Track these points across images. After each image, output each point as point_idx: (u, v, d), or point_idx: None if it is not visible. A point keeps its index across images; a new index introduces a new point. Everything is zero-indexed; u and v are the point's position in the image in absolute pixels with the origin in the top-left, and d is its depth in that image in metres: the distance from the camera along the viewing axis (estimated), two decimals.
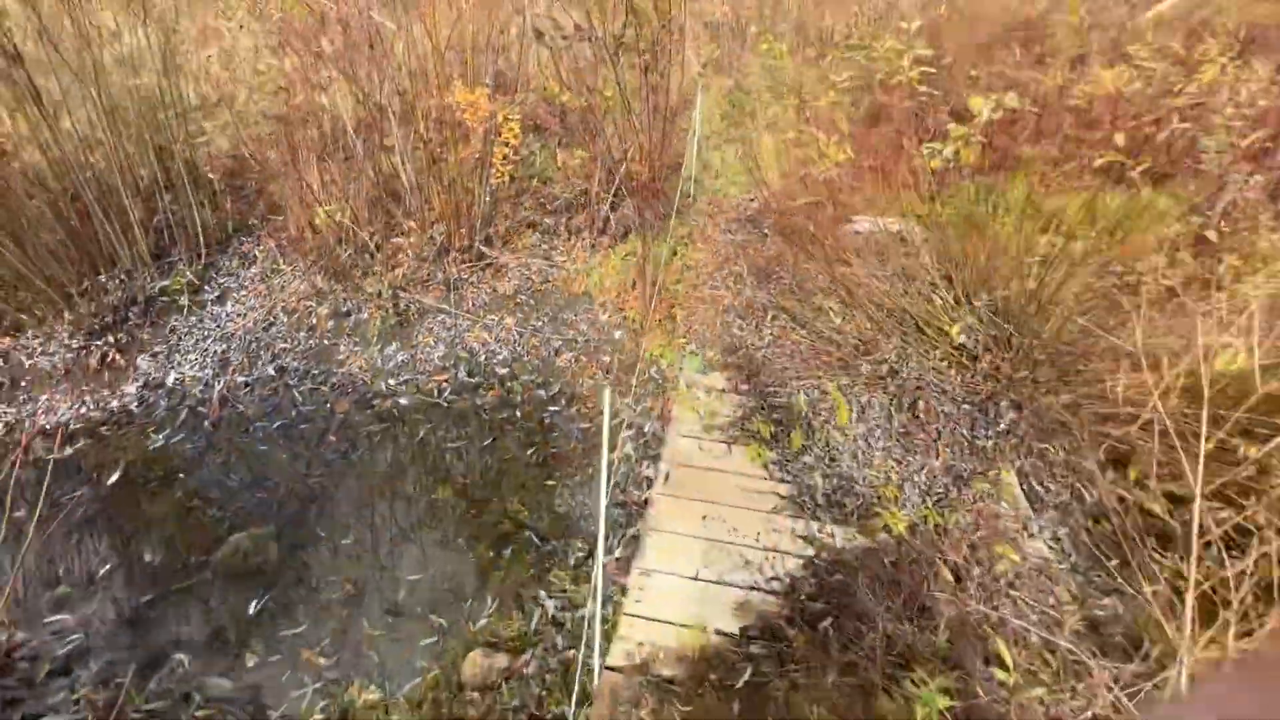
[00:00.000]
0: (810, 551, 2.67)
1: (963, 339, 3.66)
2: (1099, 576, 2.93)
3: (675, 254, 4.92)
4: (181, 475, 3.61)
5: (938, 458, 3.19)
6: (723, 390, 3.70)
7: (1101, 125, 4.02)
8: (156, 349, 4.42)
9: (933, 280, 4.24)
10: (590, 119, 4.68)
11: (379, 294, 4.61)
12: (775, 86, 7.19)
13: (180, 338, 4.53)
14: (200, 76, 5.15)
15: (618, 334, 4.49)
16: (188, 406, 4.06)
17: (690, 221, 5.59)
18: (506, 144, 4.54)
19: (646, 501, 3.13)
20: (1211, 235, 4.51)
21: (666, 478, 3.09)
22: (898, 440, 3.30)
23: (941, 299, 4.21)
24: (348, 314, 4.64)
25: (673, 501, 2.95)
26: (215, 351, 4.44)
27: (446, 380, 4.23)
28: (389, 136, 4.92)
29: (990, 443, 3.27)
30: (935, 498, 2.97)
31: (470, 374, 4.27)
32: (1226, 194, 4.62)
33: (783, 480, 3.05)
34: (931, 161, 4.34)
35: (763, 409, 3.51)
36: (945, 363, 3.69)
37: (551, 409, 3.99)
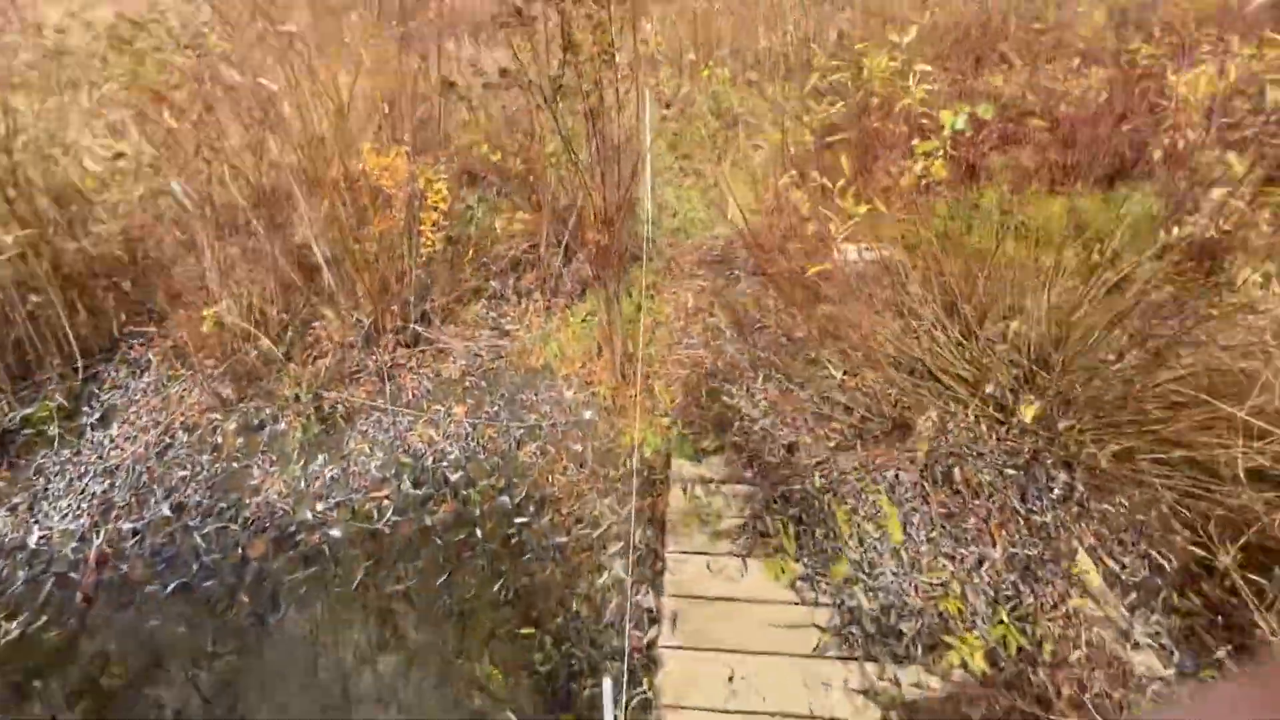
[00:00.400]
0: (875, 714, 2.05)
1: (990, 388, 3.16)
2: (1213, 675, 2.41)
3: (640, 309, 4.34)
4: (40, 681, 2.76)
5: (995, 545, 2.63)
6: (723, 481, 3.08)
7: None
8: (15, 500, 3.54)
9: (936, 315, 3.76)
10: (531, 174, 4.11)
11: (296, 397, 3.86)
12: (723, 115, 6.79)
13: (48, 480, 3.66)
14: (64, 162, 4.36)
15: (588, 414, 3.84)
16: (55, 574, 3.20)
17: (653, 270, 5.03)
18: (435, 208, 3.90)
19: (650, 646, 2.48)
20: (1212, 234, 4.15)
21: (674, 619, 2.44)
22: (941, 526, 2.73)
23: (947, 335, 3.72)
24: (260, 426, 3.86)
25: (687, 658, 2.29)
26: (94, 492, 3.58)
27: (388, 497, 3.49)
28: (296, 210, 4.23)
29: (1049, 516, 2.74)
30: (1008, 604, 2.40)
31: (416, 484, 3.55)
32: (1216, 190, 4.32)
33: (818, 603, 2.44)
34: (903, 180, 3.90)
35: (775, 502, 2.90)
36: (974, 417, 3.17)
37: (518, 520, 3.30)
